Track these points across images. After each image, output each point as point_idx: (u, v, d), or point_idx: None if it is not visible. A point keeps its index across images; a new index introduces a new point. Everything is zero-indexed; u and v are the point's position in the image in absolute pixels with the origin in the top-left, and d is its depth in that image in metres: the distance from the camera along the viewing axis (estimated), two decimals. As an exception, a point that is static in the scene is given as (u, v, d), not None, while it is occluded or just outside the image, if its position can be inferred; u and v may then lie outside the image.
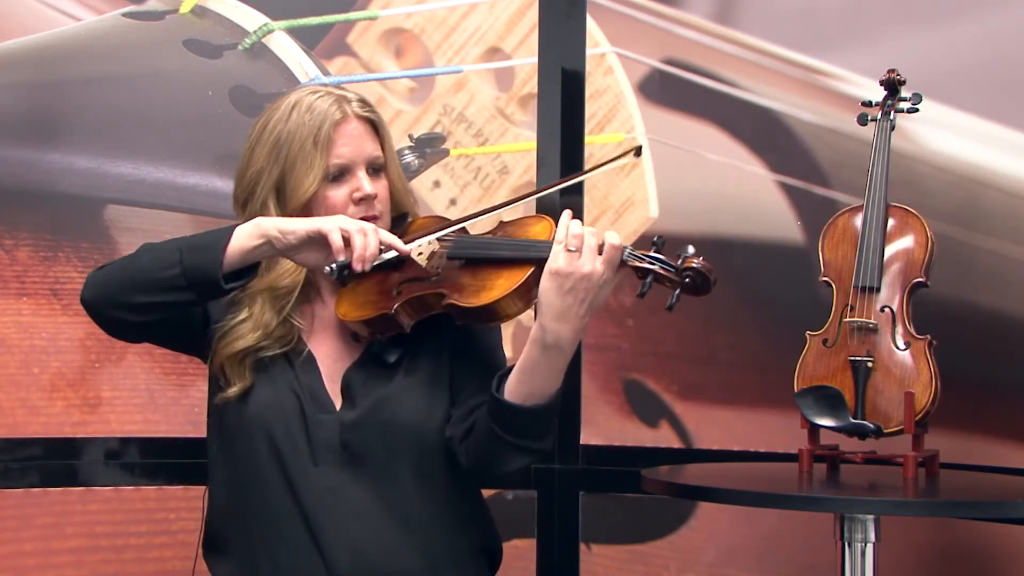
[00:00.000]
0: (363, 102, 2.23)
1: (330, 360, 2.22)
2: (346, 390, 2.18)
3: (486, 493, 2.32)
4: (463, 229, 2.23)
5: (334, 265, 2.07)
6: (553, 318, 2.05)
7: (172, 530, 2.92)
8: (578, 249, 2.03)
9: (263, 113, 2.24)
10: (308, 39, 3.03)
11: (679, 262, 2.06)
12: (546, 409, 2.11)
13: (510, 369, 2.13)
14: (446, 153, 3.03)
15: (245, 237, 2.06)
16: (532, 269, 2.09)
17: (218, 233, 2.07)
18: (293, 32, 3.02)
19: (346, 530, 2.13)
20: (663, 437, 2.91)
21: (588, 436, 2.93)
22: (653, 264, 2.06)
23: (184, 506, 2.90)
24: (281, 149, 2.17)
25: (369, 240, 2.06)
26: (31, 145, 2.91)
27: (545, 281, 2.05)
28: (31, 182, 2.90)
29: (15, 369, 2.87)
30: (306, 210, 2.18)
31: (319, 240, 2.07)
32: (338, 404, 2.18)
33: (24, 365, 2.88)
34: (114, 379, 2.91)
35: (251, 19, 3.02)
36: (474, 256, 2.17)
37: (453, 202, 3.00)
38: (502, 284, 2.10)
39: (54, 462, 2.88)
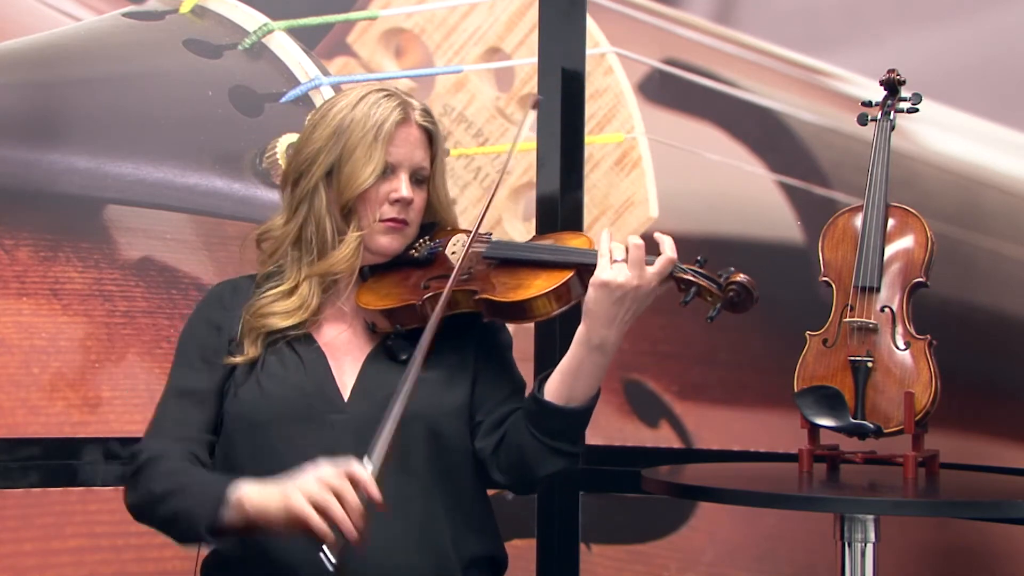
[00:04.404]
0: (426, 112, 2.26)
1: (340, 352, 2.20)
2: (359, 383, 2.17)
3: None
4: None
5: (328, 553, 1.91)
6: (601, 324, 2.09)
7: (172, 530, 2.91)
8: (625, 260, 2.07)
9: (329, 99, 2.27)
10: (308, 39, 3.03)
11: (723, 278, 2.09)
12: (584, 412, 2.15)
13: (548, 374, 2.16)
14: (446, 153, 3.02)
15: (233, 530, 2.03)
16: (572, 273, 2.12)
17: (209, 518, 2.03)
18: (293, 32, 3.02)
19: None
20: (663, 437, 2.91)
21: (588, 436, 2.88)
22: (698, 278, 2.09)
23: (184, 506, 2.89)
24: (343, 134, 2.19)
25: (349, 506, 1.92)
26: (31, 145, 2.91)
27: (593, 291, 2.08)
28: (31, 182, 2.89)
29: (15, 369, 2.87)
30: (353, 201, 2.19)
31: (300, 524, 1.96)
32: (346, 398, 2.17)
33: (24, 365, 2.87)
34: (114, 379, 2.91)
35: (251, 19, 3.01)
36: (512, 257, 2.19)
37: (453, 202, 2.99)
38: (539, 284, 2.12)
39: (54, 462, 2.87)
